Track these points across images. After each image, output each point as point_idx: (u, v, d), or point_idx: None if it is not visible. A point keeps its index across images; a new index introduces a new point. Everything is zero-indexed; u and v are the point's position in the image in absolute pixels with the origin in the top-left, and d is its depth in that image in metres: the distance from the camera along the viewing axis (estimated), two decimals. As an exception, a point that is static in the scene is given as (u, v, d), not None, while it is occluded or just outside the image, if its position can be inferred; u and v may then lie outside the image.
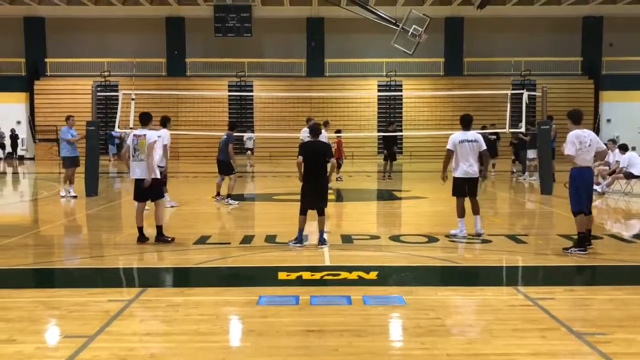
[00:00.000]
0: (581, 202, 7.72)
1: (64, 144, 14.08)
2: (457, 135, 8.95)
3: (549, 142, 15.09)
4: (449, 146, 8.93)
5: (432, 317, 5.21)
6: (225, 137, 12.58)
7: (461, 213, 8.94)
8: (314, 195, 8.20)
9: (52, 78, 33.74)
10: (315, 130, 8.53)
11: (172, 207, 12.07)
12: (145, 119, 8.54)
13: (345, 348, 4.46)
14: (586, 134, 7.81)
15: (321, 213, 8.22)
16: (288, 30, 34.28)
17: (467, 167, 8.86)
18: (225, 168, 12.63)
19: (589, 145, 7.72)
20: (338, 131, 19.66)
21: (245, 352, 4.50)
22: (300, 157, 8.17)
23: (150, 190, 8.29)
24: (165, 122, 12.27)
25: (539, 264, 7.43)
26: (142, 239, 8.29)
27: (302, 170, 8.20)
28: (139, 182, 8.34)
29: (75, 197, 13.76)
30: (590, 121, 33.88)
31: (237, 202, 12.79)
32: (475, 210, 9.06)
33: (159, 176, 8.43)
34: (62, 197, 13.86)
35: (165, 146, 11.82)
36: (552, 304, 5.51)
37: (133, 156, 8.32)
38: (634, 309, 5.42)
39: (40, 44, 34.05)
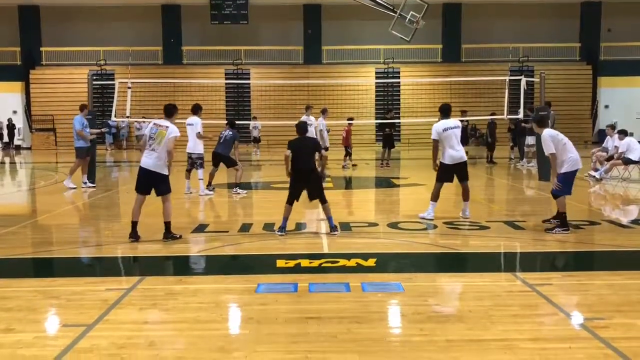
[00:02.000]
0: (569, 189, 8.23)
1: (76, 134, 13.47)
2: (440, 124, 9.22)
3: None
4: (433, 136, 9.19)
5: (431, 304, 5.22)
6: (230, 133, 12.57)
7: (435, 197, 9.26)
8: (309, 189, 8.21)
9: (47, 67, 33.57)
10: (301, 128, 8.49)
11: (207, 194, 12.28)
12: (170, 111, 8.02)
13: (344, 335, 4.46)
14: (558, 133, 8.39)
15: (323, 201, 8.22)
16: (285, 18, 34.09)
17: (454, 152, 9.14)
18: (226, 161, 12.64)
19: (564, 143, 8.20)
20: (350, 119, 19.70)
21: (244, 339, 4.50)
22: (289, 151, 8.15)
23: (156, 184, 7.76)
24: (196, 110, 12.52)
25: (537, 250, 7.44)
26: (134, 235, 7.69)
27: (290, 166, 8.20)
28: (143, 172, 7.76)
29: (94, 186, 13.76)
30: (588, 107, 33.89)
31: (245, 191, 12.78)
32: (465, 197, 9.35)
33: (167, 172, 7.85)
34: (83, 186, 13.52)
35: (198, 133, 12.20)
36: (551, 290, 5.53)
37: (147, 143, 7.78)
38: (632, 294, 5.43)
39: (35, 33, 33.83)
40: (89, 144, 13.64)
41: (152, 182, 7.78)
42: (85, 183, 13.76)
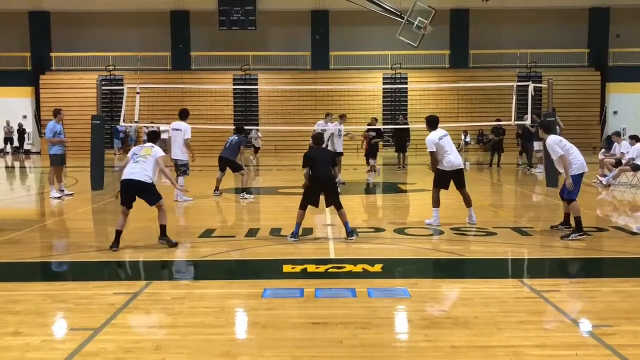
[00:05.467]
0: (575, 193, 8.23)
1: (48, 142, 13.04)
2: (433, 135, 9.19)
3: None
4: (430, 149, 9.13)
5: (437, 309, 5.21)
6: (237, 138, 12.59)
7: (436, 203, 9.24)
8: (326, 196, 8.26)
9: (57, 72, 33.79)
10: (317, 139, 8.65)
11: (185, 201, 11.95)
12: (153, 137, 8.27)
13: (350, 340, 4.47)
14: (561, 139, 8.49)
15: (339, 207, 8.23)
16: (292, 23, 34.19)
17: (454, 158, 9.16)
18: (232, 166, 12.66)
19: (568, 149, 8.29)
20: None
21: (250, 344, 4.51)
22: (306, 169, 8.17)
23: (143, 194, 7.74)
24: (184, 115, 12.29)
25: (544, 256, 7.42)
26: (115, 245, 7.59)
27: (308, 177, 8.22)
28: (127, 183, 7.69)
29: (71, 194, 13.27)
30: (596, 113, 33.74)
31: (252, 196, 12.79)
32: (468, 203, 9.30)
33: (151, 181, 7.78)
34: (57, 197, 12.68)
35: (186, 140, 11.97)
36: (558, 296, 5.51)
37: (131, 159, 7.89)
38: (639, 301, 5.40)
39: (45, 39, 34.09)
40: (63, 152, 13.05)
41: (137, 193, 7.74)
42: (62, 191, 13.11)
